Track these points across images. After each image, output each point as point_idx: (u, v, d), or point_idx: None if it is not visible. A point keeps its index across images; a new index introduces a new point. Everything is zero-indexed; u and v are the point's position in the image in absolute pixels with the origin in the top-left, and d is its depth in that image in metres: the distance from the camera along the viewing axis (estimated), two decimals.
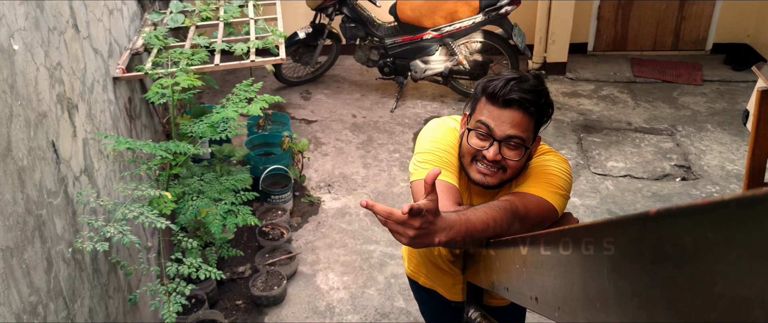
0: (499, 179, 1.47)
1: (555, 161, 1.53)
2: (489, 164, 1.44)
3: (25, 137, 1.49)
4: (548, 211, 1.44)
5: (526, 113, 1.40)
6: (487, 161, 1.44)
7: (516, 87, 1.39)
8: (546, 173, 1.49)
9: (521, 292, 1.12)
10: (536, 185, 1.46)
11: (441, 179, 1.45)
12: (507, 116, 1.40)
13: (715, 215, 0.44)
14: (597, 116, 4.67)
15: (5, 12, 1.47)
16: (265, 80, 5.20)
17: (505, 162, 1.44)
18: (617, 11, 5.55)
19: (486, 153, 1.43)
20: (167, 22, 3.25)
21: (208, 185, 2.35)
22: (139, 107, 2.96)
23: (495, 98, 1.41)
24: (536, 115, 1.43)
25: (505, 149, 1.42)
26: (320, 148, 4.25)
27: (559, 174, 1.49)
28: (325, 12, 4.73)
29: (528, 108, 1.40)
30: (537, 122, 1.45)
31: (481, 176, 1.46)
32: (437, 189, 1.32)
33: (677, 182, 3.84)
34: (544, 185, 1.46)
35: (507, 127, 1.40)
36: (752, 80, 5.05)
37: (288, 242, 3.24)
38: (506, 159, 1.43)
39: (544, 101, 1.42)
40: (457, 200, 1.43)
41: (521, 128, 1.41)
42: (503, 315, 1.83)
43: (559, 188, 1.47)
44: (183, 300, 1.92)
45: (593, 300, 0.70)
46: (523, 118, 1.40)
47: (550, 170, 1.50)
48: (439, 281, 1.83)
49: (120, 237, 1.68)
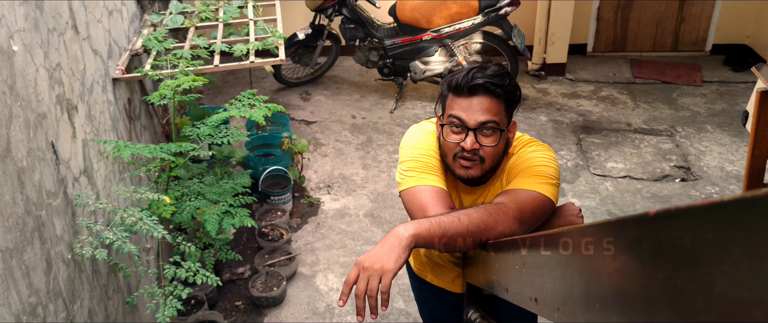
0: (481, 169, 1.49)
1: (539, 152, 1.53)
2: (469, 155, 1.46)
3: (24, 138, 1.49)
4: (543, 203, 1.44)
5: (493, 96, 1.43)
6: (465, 153, 1.46)
7: (478, 74, 1.43)
8: (532, 166, 1.49)
9: (521, 293, 1.12)
10: (525, 180, 1.47)
11: (430, 184, 1.48)
12: (475, 103, 1.44)
13: (715, 216, 0.44)
14: (596, 116, 4.67)
15: (5, 13, 1.47)
16: (265, 81, 5.21)
17: (483, 151, 1.46)
18: (617, 12, 5.55)
19: (464, 144, 1.45)
20: (167, 23, 3.25)
21: (207, 187, 2.35)
22: (138, 108, 2.96)
23: (460, 89, 1.45)
24: (504, 97, 1.45)
25: (481, 136, 1.45)
26: (320, 149, 4.25)
27: (545, 164, 1.49)
28: (325, 13, 4.73)
29: (494, 91, 1.43)
30: (507, 105, 1.47)
31: (464, 170, 1.49)
32: (428, 196, 1.45)
33: (677, 183, 3.84)
34: (534, 178, 1.46)
35: (478, 114, 1.43)
36: (752, 81, 5.05)
37: (287, 243, 3.24)
38: (484, 147, 1.46)
39: (508, 82, 1.45)
40: (448, 204, 1.45)
41: (492, 113, 1.44)
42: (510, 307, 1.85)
43: (549, 177, 1.47)
44: (179, 305, 1.91)
45: (593, 301, 0.70)
46: (492, 102, 1.44)
47: (535, 161, 1.50)
48: (444, 277, 1.84)
49: (119, 245, 1.68)
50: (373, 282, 1.19)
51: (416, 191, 1.48)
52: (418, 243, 1.27)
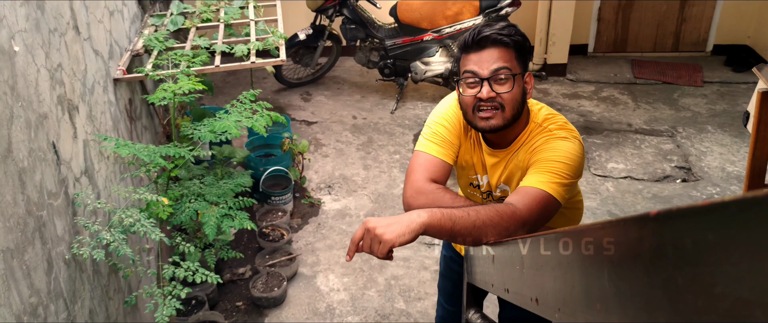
0: (502, 118, 1.52)
1: (565, 143, 1.52)
2: (486, 106, 1.51)
3: (25, 139, 1.49)
4: (551, 205, 1.46)
5: (501, 46, 1.49)
6: (483, 104, 1.51)
7: (485, 28, 1.50)
8: (551, 160, 1.49)
9: (521, 293, 1.12)
10: (539, 175, 1.48)
11: (428, 152, 1.61)
12: (485, 55, 1.49)
13: (716, 216, 0.44)
14: (597, 117, 4.67)
15: (6, 14, 1.47)
16: (266, 82, 5.21)
17: (500, 98, 1.50)
18: (617, 13, 5.55)
19: (480, 95, 1.50)
20: (167, 23, 3.25)
21: (207, 187, 2.35)
22: (139, 109, 2.96)
23: (469, 46, 1.52)
24: (513, 46, 1.50)
25: (496, 85, 1.50)
26: (320, 149, 4.26)
27: (565, 160, 1.49)
28: (326, 13, 4.73)
29: (501, 40, 1.49)
30: (517, 53, 1.52)
31: (485, 121, 1.53)
32: (418, 162, 1.60)
33: (678, 183, 3.84)
34: (548, 176, 1.47)
35: (489, 63, 1.49)
36: (753, 82, 5.05)
37: (288, 243, 3.24)
38: (500, 95, 1.50)
39: (515, 32, 1.51)
40: (432, 175, 1.58)
41: (503, 60, 1.49)
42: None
43: (563, 176, 1.47)
44: (178, 304, 1.91)
45: (594, 301, 0.70)
46: (502, 51, 1.49)
47: (557, 152, 1.50)
48: None
49: (115, 246, 1.68)
50: (374, 246, 1.30)
51: (416, 154, 1.63)
52: (427, 232, 1.34)
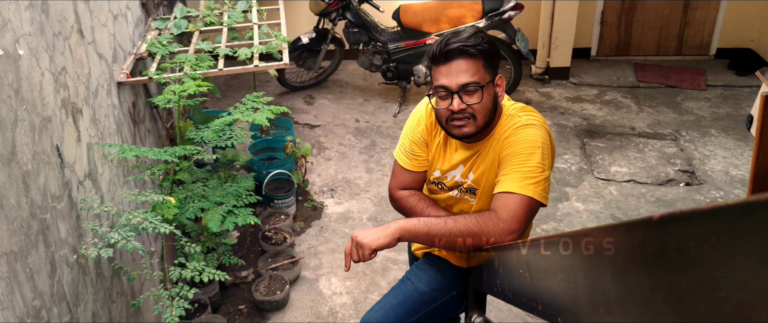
0: (475, 125, 1.59)
1: (532, 131, 1.58)
2: (458, 115, 1.57)
3: (29, 142, 1.50)
4: (533, 207, 1.53)
5: (468, 57, 1.53)
6: (456, 115, 1.57)
7: (452, 40, 1.54)
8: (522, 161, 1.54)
9: (525, 297, 1.12)
10: (515, 180, 1.53)
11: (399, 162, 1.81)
12: (453, 67, 1.54)
13: (719, 220, 0.44)
14: (600, 120, 4.67)
15: (11, 17, 1.47)
16: (269, 85, 5.22)
17: (471, 109, 1.56)
18: (620, 16, 5.55)
19: (451, 108, 1.56)
20: (171, 27, 3.26)
21: (211, 190, 2.35)
22: (142, 112, 2.97)
23: (437, 58, 1.57)
24: (480, 55, 1.54)
25: (466, 96, 1.55)
26: (323, 152, 4.26)
27: (537, 155, 1.54)
28: (329, 17, 4.74)
29: (468, 52, 1.52)
30: (486, 61, 1.55)
31: (459, 130, 1.60)
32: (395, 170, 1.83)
33: (681, 187, 3.83)
34: (524, 181, 1.52)
35: (457, 77, 1.54)
36: (756, 85, 5.04)
37: (291, 246, 3.24)
38: (470, 106, 1.55)
39: (481, 40, 1.54)
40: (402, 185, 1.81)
41: (470, 73, 1.53)
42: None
43: (537, 175, 1.53)
44: (186, 304, 1.92)
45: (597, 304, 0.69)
46: (469, 63, 1.53)
47: (525, 145, 1.56)
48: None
49: (124, 243, 1.68)
50: (357, 251, 1.54)
51: (395, 160, 1.84)
52: (402, 235, 1.53)
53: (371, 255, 1.51)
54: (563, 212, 3.59)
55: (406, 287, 1.89)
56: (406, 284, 1.91)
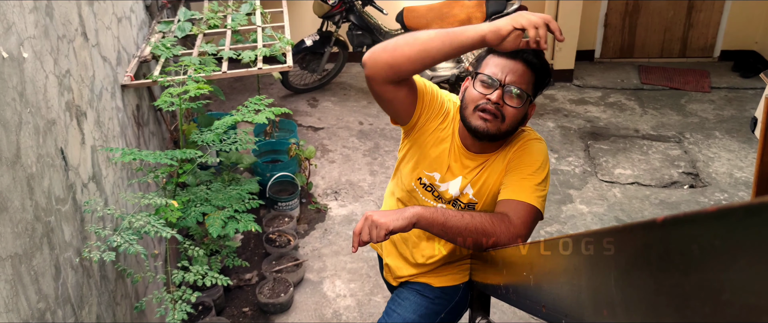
0: (497, 127, 1.55)
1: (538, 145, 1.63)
2: (490, 110, 1.53)
3: (34, 145, 1.51)
4: (536, 217, 1.55)
5: (528, 67, 1.53)
6: (489, 107, 1.53)
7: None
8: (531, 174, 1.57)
9: (529, 299, 1.11)
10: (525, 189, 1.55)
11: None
12: (512, 65, 1.53)
13: (723, 222, 0.43)
14: (604, 123, 4.66)
15: (15, 20, 1.48)
16: (272, 88, 5.22)
17: (505, 109, 1.53)
18: (624, 18, 5.54)
19: (490, 96, 1.52)
20: (175, 30, 3.27)
21: (214, 193, 2.36)
22: (146, 115, 2.98)
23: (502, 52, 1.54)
24: (537, 72, 1.54)
25: (507, 96, 1.53)
26: (327, 155, 4.26)
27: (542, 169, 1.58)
28: (332, 19, 4.75)
29: (531, 61, 1.52)
30: (536, 80, 1.55)
31: (482, 122, 1.55)
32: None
33: (685, 189, 3.82)
34: (532, 190, 1.55)
35: (511, 74, 1.52)
36: (760, 87, 5.02)
37: (295, 249, 3.24)
38: (506, 105, 1.53)
39: (544, 60, 1.55)
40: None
41: (524, 80, 1.53)
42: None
43: (544, 188, 1.57)
44: (188, 308, 1.93)
45: (601, 307, 0.69)
46: (526, 71, 1.53)
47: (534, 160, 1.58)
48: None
49: (126, 247, 1.69)
50: (372, 232, 1.42)
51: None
52: (419, 221, 1.44)
53: (386, 236, 1.43)
54: (567, 214, 3.58)
55: (393, 319, 1.84)
56: (392, 316, 1.85)
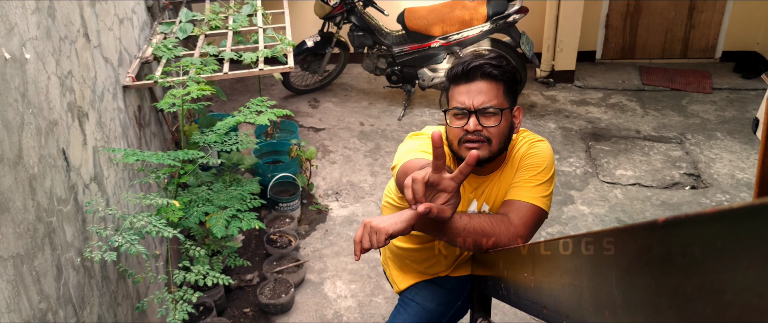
0: (488, 150, 1.53)
1: (542, 145, 1.63)
2: (473, 139, 1.51)
3: (36, 145, 1.51)
4: (541, 217, 1.55)
5: (491, 79, 1.49)
6: (471, 137, 1.51)
7: (476, 59, 1.50)
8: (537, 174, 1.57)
9: (530, 300, 1.11)
10: (529, 189, 1.55)
11: (421, 157, 1.53)
12: (474, 88, 1.49)
13: (725, 223, 0.43)
14: (605, 124, 4.66)
15: (17, 22, 1.48)
16: (274, 89, 5.23)
17: (487, 132, 1.51)
18: (625, 19, 5.54)
19: (467, 127, 1.51)
20: (177, 31, 3.27)
21: (215, 194, 2.36)
22: (148, 116, 2.98)
23: (458, 77, 1.52)
24: (502, 79, 1.51)
25: (483, 119, 1.51)
26: (328, 156, 4.26)
27: (548, 169, 1.59)
28: (333, 21, 4.75)
29: (491, 73, 1.49)
30: (507, 86, 1.52)
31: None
32: (416, 165, 1.45)
33: (687, 190, 3.82)
34: (537, 190, 1.55)
35: (477, 97, 1.49)
36: (762, 88, 5.02)
37: (295, 250, 3.24)
38: (486, 128, 1.51)
39: (505, 64, 1.51)
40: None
41: (491, 96, 1.49)
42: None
43: (548, 188, 1.57)
44: (189, 308, 1.93)
45: (602, 308, 0.69)
46: (491, 85, 1.49)
47: (540, 161, 1.59)
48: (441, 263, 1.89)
49: (128, 247, 1.69)
50: (372, 238, 1.37)
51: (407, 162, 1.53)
52: (418, 224, 1.38)
53: (386, 240, 1.42)
54: (568, 215, 3.58)
55: (413, 308, 1.90)
56: (411, 305, 1.91)
